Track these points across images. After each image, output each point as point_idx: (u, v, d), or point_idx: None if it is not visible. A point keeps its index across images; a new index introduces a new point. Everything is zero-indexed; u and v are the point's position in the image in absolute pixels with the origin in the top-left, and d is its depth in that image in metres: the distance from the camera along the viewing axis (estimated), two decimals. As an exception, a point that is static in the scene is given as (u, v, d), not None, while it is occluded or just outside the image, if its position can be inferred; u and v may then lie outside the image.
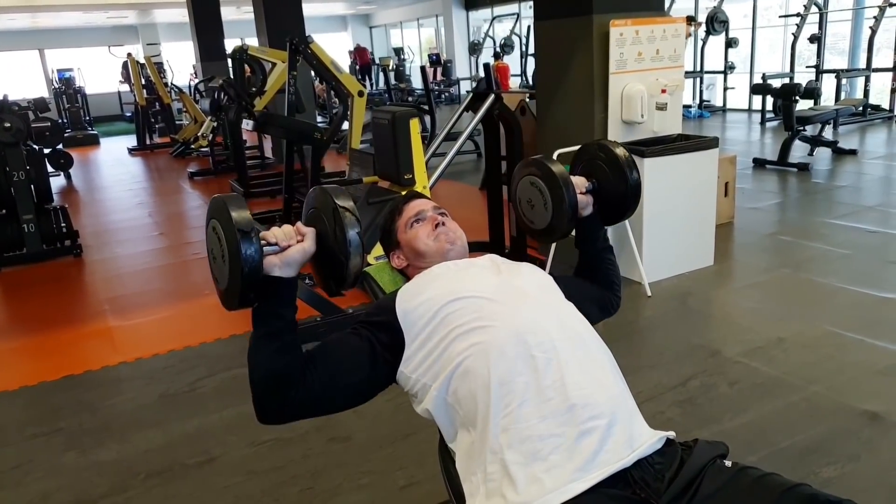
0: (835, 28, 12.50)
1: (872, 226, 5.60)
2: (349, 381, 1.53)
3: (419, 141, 4.09)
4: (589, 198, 1.85)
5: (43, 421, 3.41)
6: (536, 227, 1.87)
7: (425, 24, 24.69)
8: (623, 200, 1.86)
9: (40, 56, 22.48)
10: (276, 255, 1.43)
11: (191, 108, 12.29)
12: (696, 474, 1.36)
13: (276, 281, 1.43)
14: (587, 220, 1.88)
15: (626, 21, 4.41)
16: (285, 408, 1.46)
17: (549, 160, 1.81)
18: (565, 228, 1.80)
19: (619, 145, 1.88)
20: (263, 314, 1.45)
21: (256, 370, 1.45)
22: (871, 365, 3.37)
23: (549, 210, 1.80)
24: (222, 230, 1.38)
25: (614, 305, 1.93)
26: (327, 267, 1.49)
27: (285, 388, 1.44)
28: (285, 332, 1.45)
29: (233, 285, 1.38)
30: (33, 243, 6.14)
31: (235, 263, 1.35)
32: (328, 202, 1.47)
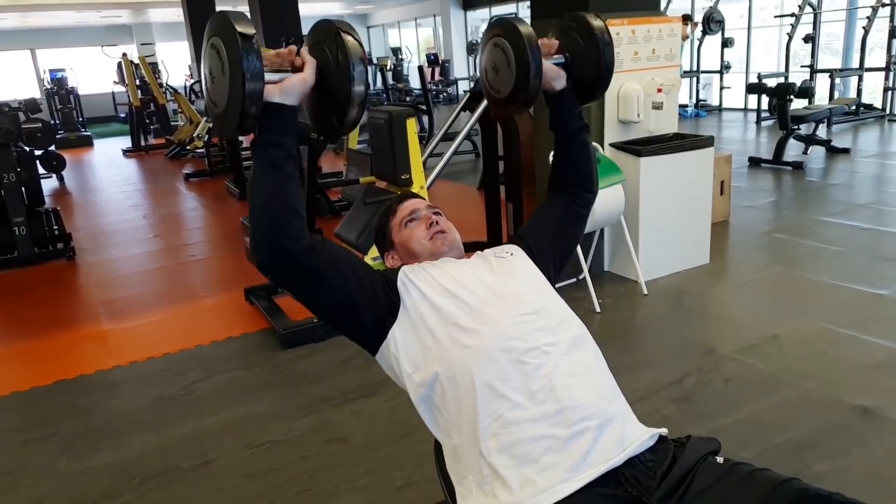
0: (829, 28, 12.53)
1: (865, 223, 5.62)
2: (345, 281, 1.50)
3: (416, 141, 4.07)
4: (560, 70, 1.80)
5: (36, 426, 3.39)
6: (502, 94, 1.77)
7: (423, 23, 24.68)
8: (596, 76, 1.80)
9: (32, 56, 22.40)
10: (275, 84, 1.41)
11: (186, 108, 12.26)
12: (687, 471, 1.36)
13: (276, 108, 1.40)
14: (559, 95, 1.82)
15: (622, 20, 4.41)
16: (280, 242, 1.40)
17: (515, 19, 1.73)
18: (531, 91, 1.68)
19: (597, 17, 1.80)
20: (264, 144, 1.41)
21: (259, 198, 1.41)
22: (864, 360, 3.39)
23: (512, 70, 1.69)
24: (223, 42, 1.33)
25: (589, 198, 1.90)
26: (329, 101, 1.46)
27: (287, 218, 1.40)
28: (287, 164, 1.42)
29: (233, 100, 1.33)
30: (25, 246, 6.09)
31: (237, 71, 1.30)
32: (330, 30, 1.44)
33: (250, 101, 1.32)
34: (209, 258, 6.34)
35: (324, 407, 3.30)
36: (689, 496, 1.32)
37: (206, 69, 1.42)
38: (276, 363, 3.79)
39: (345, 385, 3.47)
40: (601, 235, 4.69)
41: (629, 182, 4.40)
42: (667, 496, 1.32)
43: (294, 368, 3.73)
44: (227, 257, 6.12)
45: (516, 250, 1.75)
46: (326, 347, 3.92)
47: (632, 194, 4.43)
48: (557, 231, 1.84)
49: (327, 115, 1.48)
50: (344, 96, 1.42)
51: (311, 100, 1.49)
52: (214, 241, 6.92)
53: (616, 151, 4.52)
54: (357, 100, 1.42)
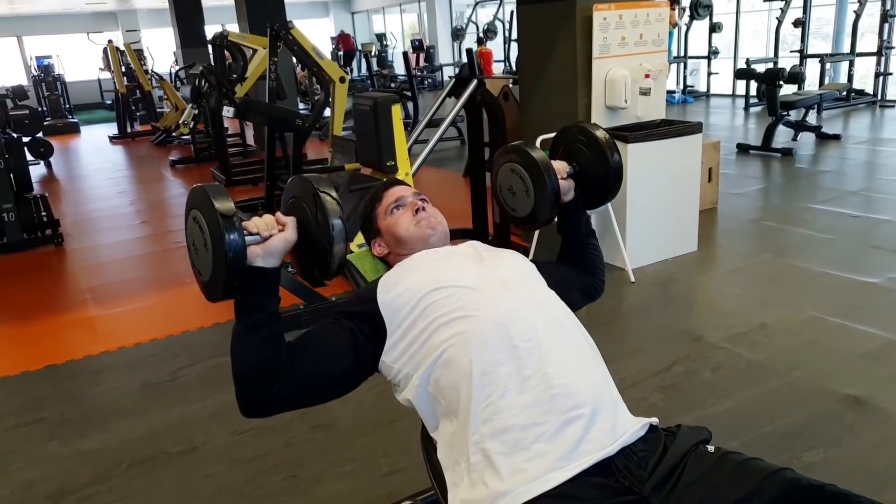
0: (819, 13, 12.52)
1: (855, 210, 5.63)
2: (333, 372, 1.52)
3: (401, 127, 4.06)
4: (570, 182, 1.83)
5: (25, 411, 3.38)
6: (519, 214, 1.84)
7: (408, 9, 24.54)
8: (605, 183, 1.84)
9: (18, 43, 22.21)
10: (258, 245, 1.41)
11: (172, 95, 12.18)
12: (678, 461, 1.36)
13: (258, 272, 1.41)
14: (569, 205, 1.85)
15: (609, 5, 4.39)
16: (269, 401, 1.45)
17: (529, 146, 1.79)
18: (548, 215, 1.77)
19: (599, 127, 1.86)
20: (246, 306, 1.43)
21: (239, 363, 1.44)
22: (854, 349, 3.39)
23: (530, 197, 1.76)
24: (204, 218, 1.36)
25: (598, 290, 1.92)
26: (310, 256, 1.48)
27: (269, 380, 1.43)
28: (268, 324, 1.44)
29: (217, 274, 1.36)
30: (13, 233, 6.08)
31: (219, 250, 1.32)
32: (308, 189, 1.45)
33: (234, 276, 1.35)
34: (196, 245, 6.29)
35: (311, 394, 3.28)
36: (680, 486, 1.32)
37: (189, 239, 1.45)
38: (263, 350, 3.76)
39: (332, 372, 3.45)
40: (589, 222, 4.68)
41: (617, 169, 4.38)
42: (658, 486, 1.32)
43: (281, 355, 3.70)
44: (214, 244, 6.07)
45: (516, 253, 1.75)
46: (314, 334, 3.90)
47: (620, 181, 4.42)
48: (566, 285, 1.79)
49: (309, 265, 1.50)
50: (324, 253, 1.43)
51: (293, 252, 1.50)
52: (202, 227, 6.86)
53: (604, 138, 4.50)
54: (338, 257, 1.43)
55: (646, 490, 1.31)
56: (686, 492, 1.31)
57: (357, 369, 1.55)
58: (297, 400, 1.50)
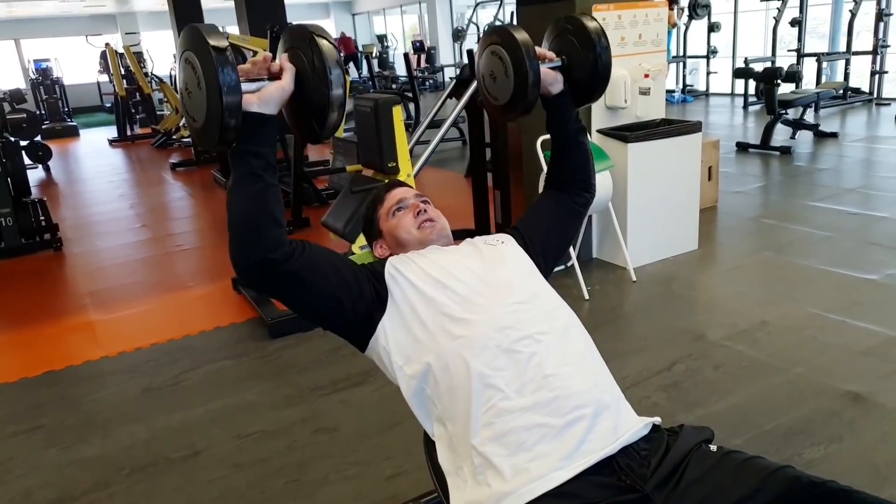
0: (815, 12, 12.51)
1: (853, 208, 5.64)
2: (329, 283, 1.50)
3: (402, 128, 4.05)
4: (557, 75, 1.79)
5: (24, 418, 3.37)
6: (500, 101, 1.77)
7: (408, 10, 24.55)
8: (593, 77, 1.78)
9: (16, 46, 22.20)
10: (254, 93, 1.39)
11: (172, 98, 12.17)
12: (680, 460, 1.36)
13: (254, 116, 1.38)
14: (556, 98, 1.81)
15: (608, 5, 4.39)
16: (261, 250, 1.39)
17: (511, 27, 1.73)
18: (529, 98, 1.69)
19: (592, 19, 1.79)
20: (243, 153, 1.40)
21: (237, 207, 1.40)
22: (854, 346, 3.39)
23: (510, 79, 1.70)
24: (197, 57, 1.31)
25: (587, 197, 1.87)
26: (308, 106, 1.44)
27: (266, 227, 1.39)
28: (266, 173, 1.41)
29: (212, 114, 1.31)
30: (11, 237, 6.07)
31: (213, 87, 1.28)
32: (304, 33, 1.43)
33: (229, 114, 1.30)
34: (197, 248, 6.30)
35: (312, 397, 3.29)
36: (683, 485, 1.32)
37: (181, 84, 1.40)
38: (264, 353, 3.78)
39: (333, 374, 3.46)
40: (589, 222, 4.68)
41: (617, 168, 4.39)
42: (660, 485, 1.32)
43: (282, 358, 3.72)
44: (214, 247, 6.08)
45: (508, 239, 1.74)
46: (314, 337, 3.90)
47: (619, 181, 4.42)
48: (553, 227, 1.83)
49: (307, 121, 1.47)
50: (322, 101, 1.41)
51: (289, 106, 1.47)
52: (202, 230, 6.88)
53: (603, 137, 4.51)
54: (336, 103, 1.40)
55: (648, 488, 1.31)
56: (688, 490, 1.31)
57: (348, 302, 1.51)
58: (286, 281, 1.45)
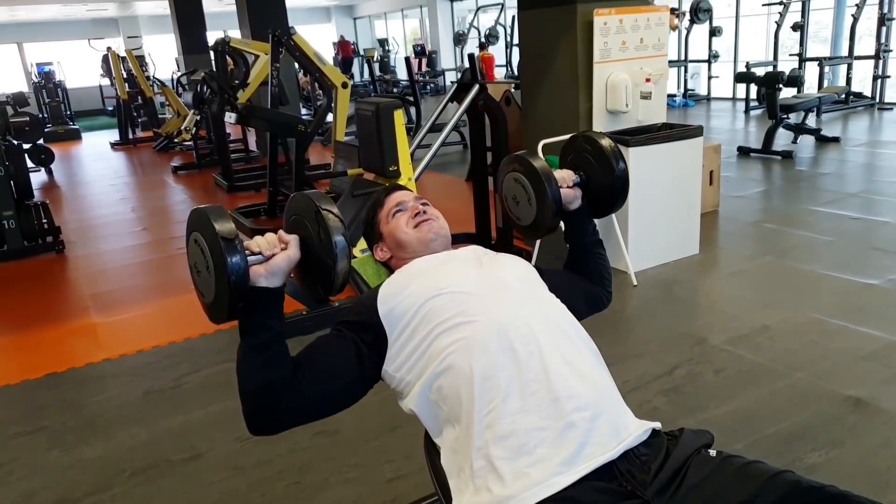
0: (817, 16, 12.53)
1: (855, 212, 5.63)
2: (339, 385, 1.52)
3: (404, 132, 4.07)
4: (577, 191, 1.83)
5: (26, 419, 3.37)
6: (523, 223, 1.85)
7: (410, 14, 24.61)
8: (611, 192, 1.84)
9: (19, 50, 22.26)
10: (261, 264, 1.41)
11: (173, 101, 12.21)
12: (681, 465, 1.36)
13: (262, 291, 1.41)
14: (576, 213, 1.85)
15: (609, 10, 4.40)
16: (277, 419, 1.45)
17: (531, 156, 1.79)
18: (550, 223, 1.78)
19: (605, 136, 1.86)
20: (251, 326, 1.42)
21: (246, 384, 1.44)
22: (855, 351, 3.39)
23: (533, 206, 1.78)
24: (206, 242, 1.35)
25: (604, 300, 1.91)
26: (314, 273, 1.47)
27: (275, 400, 1.43)
28: (273, 344, 1.43)
29: (220, 297, 1.35)
30: (14, 240, 6.08)
31: (221, 273, 1.32)
32: (310, 206, 1.45)
33: (238, 297, 1.34)
34: (198, 251, 6.29)
35: (314, 400, 3.28)
36: (683, 489, 1.32)
37: (190, 260, 1.44)
38: (265, 356, 3.76)
39: (335, 377, 3.45)
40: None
41: (619, 172, 4.38)
42: (661, 490, 1.32)
43: (284, 361, 3.70)
44: (216, 250, 6.08)
45: (518, 258, 1.75)
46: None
47: (621, 185, 4.42)
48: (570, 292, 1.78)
49: (313, 284, 1.50)
50: (328, 271, 1.43)
51: (296, 271, 1.50)
52: (203, 233, 6.86)
53: (605, 142, 4.50)
54: (341, 275, 1.43)
55: (648, 494, 1.31)
56: (688, 496, 1.31)
57: (362, 379, 1.55)
58: (304, 416, 1.49)
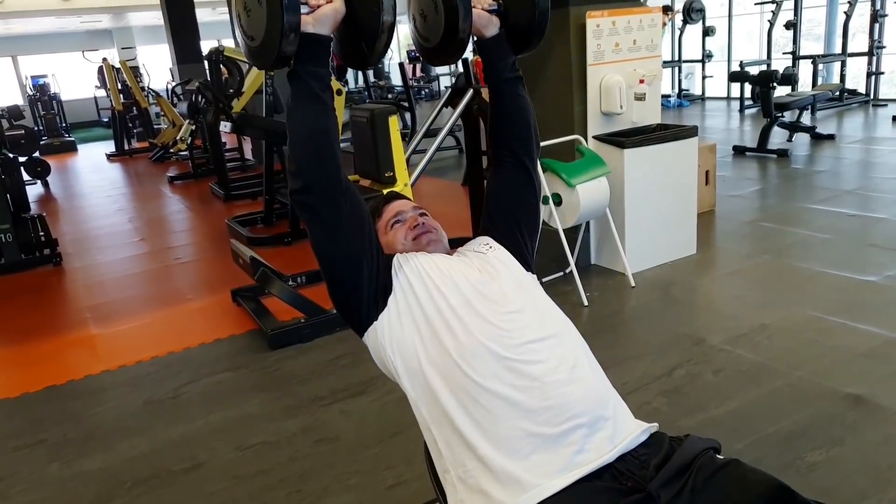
0: (810, 14, 12.55)
1: (852, 210, 5.64)
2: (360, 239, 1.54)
3: (399, 138, 4.07)
4: (492, 17, 1.73)
5: (26, 432, 3.37)
6: (431, 43, 1.70)
7: (402, 20, 24.62)
8: (529, 27, 1.73)
9: (13, 63, 22.25)
10: (309, 14, 1.44)
11: (168, 111, 12.21)
12: (688, 462, 1.35)
13: (311, 38, 1.44)
14: (492, 42, 1.74)
15: (602, 12, 4.40)
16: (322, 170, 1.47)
17: None
18: (460, 35, 1.62)
19: None
20: (302, 74, 1.46)
21: (300, 125, 1.47)
22: (854, 348, 3.39)
23: (440, 14, 1.62)
24: None
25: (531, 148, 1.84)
26: (357, 30, 1.49)
27: (328, 150, 1.47)
28: (325, 93, 1.48)
29: (272, 30, 1.37)
30: (11, 253, 6.07)
31: (275, 3, 1.33)
32: None
33: (289, 30, 1.36)
34: (195, 261, 6.30)
35: (313, 407, 3.29)
36: (689, 488, 1.31)
37: (236, 10, 1.47)
38: (264, 364, 3.78)
39: (333, 385, 3.46)
40: (587, 228, 4.68)
41: (614, 174, 4.39)
42: (666, 484, 1.31)
43: (282, 369, 3.72)
44: (213, 259, 6.09)
45: (491, 241, 1.73)
46: (314, 347, 3.90)
47: (617, 186, 4.42)
48: (512, 207, 1.77)
49: (356, 45, 1.52)
50: (373, 24, 1.45)
51: (339, 31, 1.52)
52: (200, 243, 6.88)
53: (600, 144, 4.51)
54: (387, 26, 1.45)
55: (652, 487, 1.30)
56: (698, 494, 1.30)
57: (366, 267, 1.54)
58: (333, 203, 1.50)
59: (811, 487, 2.38)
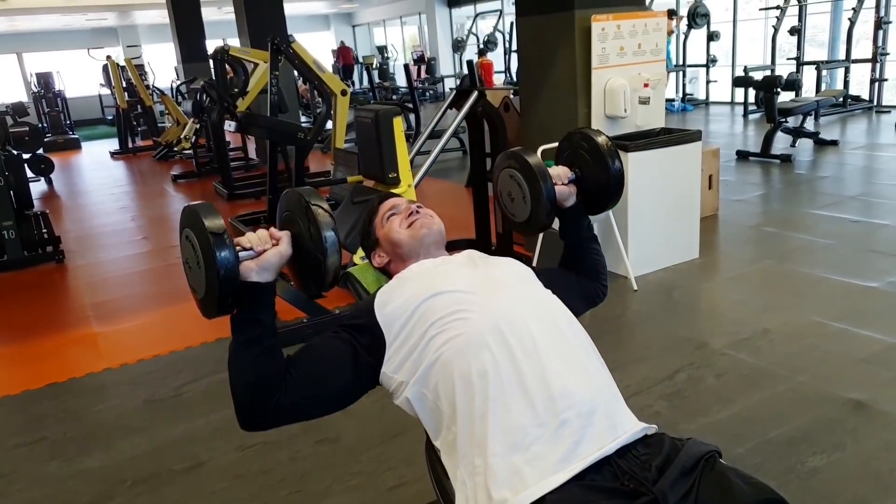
0: (814, 20, 12.54)
1: (855, 215, 5.63)
2: (332, 385, 1.52)
3: (403, 139, 4.07)
4: (572, 188, 1.84)
5: (27, 430, 3.37)
6: (518, 219, 1.86)
7: (408, 21, 24.65)
8: (606, 190, 1.85)
9: (18, 60, 22.29)
10: (253, 259, 1.42)
11: (173, 110, 12.21)
12: (694, 463, 1.34)
13: (253, 287, 1.42)
14: (571, 210, 1.87)
15: (607, 16, 4.41)
16: (268, 414, 1.45)
17: (526, 153, 1.80)
18: (545, 220, 1.78)
19: (601, 133, 1.87)
20: (242, 321, 1.44)
21: (237, 378, 1.44)
22: (856, 354, 3.39)
23: (527, 203, 1.78)
24: (195, 237, 1.37)
25: (600, 295, 1.93)
26: (305, 268, 1.49)
27: (267, 394, 1.43)
28: (265, 338, 1.44)
29: (210, 291, 1.37)
30: (14, 250, 6.07)
31: (211, 267, 1.34)
32: (300, 202, 1.47)
33: (227, 291, 1.36)
34: (198, 260, 6.29)
35: (315, 407, 3.28)
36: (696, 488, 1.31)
37: (184, 258, 1.46)
38: (266, 364, 3.76)
39: (336, 385, 3.45)
40: (591, 231, 4.67)
41: (618, 177, 4.38)
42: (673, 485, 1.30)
43: (285, 369, 3.71)
44: (216, 258, 6.09)
45: (513, 260, 1.76)
46: (317, 347, 3.90)
47: (621, 190, 4.41)
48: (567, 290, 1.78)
49: (306, 280, 1.52)
50: (318, 266, 1.45)
51: (289, 266, 1.52)
52: (204, 242, 6.86)
53: (604, 147, 4.50)
54: (332, 269, 1.45)
55: (656, 489, 1.29)
56: (703, 497, 1.30)
57: (356, 382, 1.55)
58: (295, 413, 1.50)
59: (812, 493, 2.38)
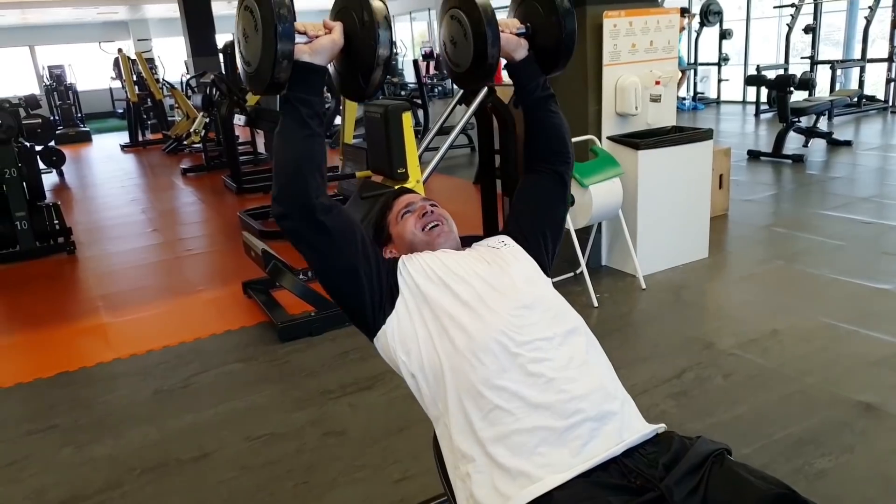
0: (829, 19, 12.49)
1: (867, 217, 5.60)
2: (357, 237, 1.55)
3: (412, 135, 4.07)
4: (521, 40, 1.77)
5: (38, 417, 3.40)
6: (461, 68, 1.74)
7: (417, 17, 24.60)
8: (556, 50, 1.77)
9: (31, 53, 22.38)
10: (306, 43, 1.48)
11: (183, 104, 12.25)
12: (701, 461, 1.34)
13: (305, 67, 1.47)
14: (522, 65, 1.79)
15: (619, 12, 4.40)
16: (306, 192, 1.47)
17: None
18: (489, 60, 1.66)
19: None
20: (293, 100, 1.49)
21: (285, 151, 1.48)
22: (866, 356, 3.37)
23: (469, 41, 1.67)
24: (255, 3, 1.41)
25: (568, 162, 1.85)
26: (356, 61, 1.52)
27: (309, 175, 1.47)
28: (313, 121, 1.49)
29: (265, 56, 1.41)
30: (26, 240, 6.12)
31: (269, 30, 1.38)
32: None
33: (282, 57, 1.40)
34: (207, 252, 6.33)
35: (321, 400, 3.30)
36: (704, 484, 1.31)
37: (239, 31, 1.50)
38: (273, 356, 3.79)
39: (342, 378, 3.47)
40: (599, 230, 4.68)
41: (627, 176, 4.39)
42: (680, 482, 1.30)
43: (292, 362, 3.73)
44: (225, 251, 6.12)
45: (508, 240, 1.75)
46: (324, 341, 3.92)
47: (630, 188, 4.42)
48: (540, 212, 1.81)
49: (353, 78, 1.55)
50: (369, 57, 1.49)
51: (337, 63, 1.55)
52: (212, 235, 6.91)
53: (614, 145, 4.51)
54: (382, 60, 1.48)
55: (664, 486, 1.29)
56: (711, 494, 1.30)
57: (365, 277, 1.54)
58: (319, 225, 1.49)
59: (819, 494, 2.37)
